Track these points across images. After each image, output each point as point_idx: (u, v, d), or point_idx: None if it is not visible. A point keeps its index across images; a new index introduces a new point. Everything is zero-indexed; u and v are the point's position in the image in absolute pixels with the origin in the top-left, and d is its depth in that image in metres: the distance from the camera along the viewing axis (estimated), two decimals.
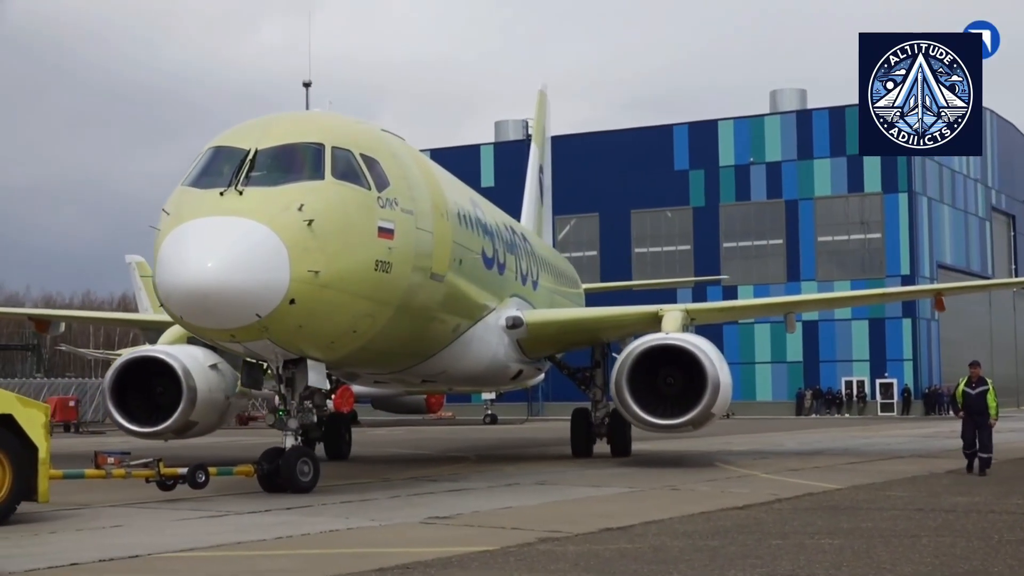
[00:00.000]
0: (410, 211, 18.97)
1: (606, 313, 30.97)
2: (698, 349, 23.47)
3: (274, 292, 16.19)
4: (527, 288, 28.30)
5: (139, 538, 12.60)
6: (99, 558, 10.99)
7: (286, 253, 16.28)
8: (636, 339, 24.49)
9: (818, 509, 15.42)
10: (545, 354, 28.69)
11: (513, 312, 25.93)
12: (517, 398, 65.32)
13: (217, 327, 16.75)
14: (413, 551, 11.34)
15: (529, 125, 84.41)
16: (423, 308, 20.41)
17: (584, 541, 12.12)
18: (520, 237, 29.50)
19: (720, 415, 24.13)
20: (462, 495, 17.97)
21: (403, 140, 21.34)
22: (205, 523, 14.19)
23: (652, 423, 23.43)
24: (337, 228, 17.21)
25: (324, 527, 13.55)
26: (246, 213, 16.51)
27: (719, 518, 14.28)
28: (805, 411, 71.59)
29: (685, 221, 78.34)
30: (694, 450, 30.01)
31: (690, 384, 23.34)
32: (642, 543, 11.95)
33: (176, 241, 16.39)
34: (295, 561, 11.23)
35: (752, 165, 75.58)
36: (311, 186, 17.36)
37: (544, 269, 31.62)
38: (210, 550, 11.74)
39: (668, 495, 17.88)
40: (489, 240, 24.81)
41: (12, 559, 10.92)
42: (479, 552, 11.24)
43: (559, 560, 10.78)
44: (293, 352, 17.70)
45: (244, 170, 17.22)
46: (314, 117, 19.99)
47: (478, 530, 13.27)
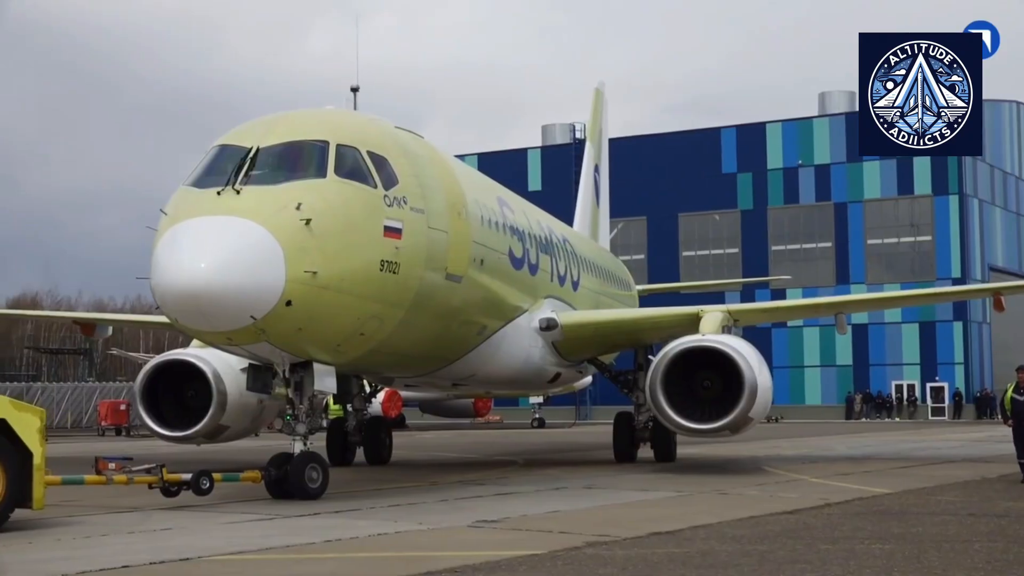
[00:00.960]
0: (421, 210, 18.56)
1: (644, 314, 30.47)
2: (734, 351, 22.75)
3: (269, 293, 15.82)
4: (565, 289, 27.87)
5: (189, 540, 12.69)
6: (150, 560, 11.07)
7: (281, 253, 15.89)
8: (672, 341, 23.85)
9: (868, 514, 15.30)
10: (584, 357, 28.05)
11: (547, 313, 25.46)
12: (565, 402, 65.30)
13: (212, 329, 16.40)
14: (461, 555, 11.34)
15: (576, 129, 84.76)
16: (440, 310, 20.00)
17: (632, 545, 12.09)
18: (559, 237, 28.95)
19: (759, 419, 23.38)
20: (510, 499, 17.96)
21: (420, 137, 20.97)
22: (254, 526, 14.26)
23: (687, 427, 22.88)
24: (338, 228, 16.83)
25: (372, 530, 13.59)
26: (241, 212, 16.14)
27: (768, 523, 14.20)
28: (855, 415, 71.06)
29: (733, 224, 78.00)
30: (742, 454, 29.84)
31: (728, 387, 22.67)
32: (690, 547, 11.90)
33: (170, 242, 16.06)
34: (343, 564, 11.27)
35: (801, 168, 75.14)
36: (312, 184, 17.01)
37: (588, 270, 31.10)
38: (259, 553, 11.80)
39: (716, 499, 17.79)
40: (518, 240, 24.29)
41: (66, 561, 11.03)
42: (527, 556, 11.24)
43: (607, 564, 10.76)
44: (297, 355, 17.37)
45: (244, 169, 16.89)
46: (322, 114, 19.49)
47: (526, 534, 13.26)
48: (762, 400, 22.44)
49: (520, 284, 24.27)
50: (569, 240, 30.33)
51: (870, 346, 73.05)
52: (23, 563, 10.95)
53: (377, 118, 20.24)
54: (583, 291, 29.60)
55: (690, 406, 22.91)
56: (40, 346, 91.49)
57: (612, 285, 34.77)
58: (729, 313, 25.86)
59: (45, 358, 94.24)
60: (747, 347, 23.20)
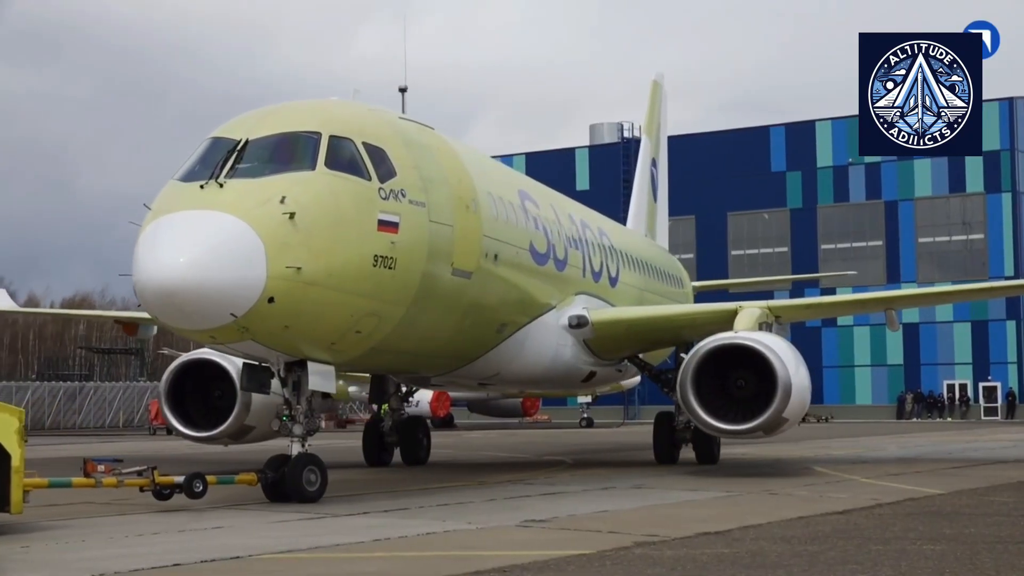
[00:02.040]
0: (421, 203, 18.00)
1: (679, 311, 29.45)
2: (767, 348, 21.69)
3: (249, 290, 15.29)
4: (601, 285, 27.14)
5: (239, 539, 12.76)
6: (201, 559, 11.13)
7: (262, 248, 15.33)
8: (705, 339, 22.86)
9: (920, 514, 15.16)
10: (621, 355, 27.22)
11: (577, 310, 24.76)
12: (613, 401, 65.26)
13: (193, 328, 15.90)
14: (510, 554, 11.34)
15: (624, 128, 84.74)
16: (449, 306, 19.51)
17: (681, 545, 12.04)
18: (595, 232, 28.11)
19: (795, 420, 22.28)
20: (558, 498, 17.93)
21: (429, 129, 20.32)
22: (303, 525, 14.32)
23: (718, 428, 21.98)
24: (326, 221, 16.26)
25: (421, 529, 13.61)
26: (222, 206, 15.62)
27: (818, 523, 14.10)
28: (906, 415, 70.56)
29: (782, 223, 77.68)
30: (791, 455, 29.68)
31: (762, 387, 21.64)
32: (740, 548, 11.84)
33: (149, 238, 15.58)
34: (392, 563, 11.29)
35: (851, 166, 74.71)
36: (299, 177, 16.44)
37: (631, 266, 30.35)
38: (308, 552, 11.84)
39: (766, 499, 17.69)
40: (542, 235, 23.62)
41: (119, 559, 11.11)
42: (576, 556, 11.21)
43: (656, 564, 10.72)
44: (289, 353, 16.86)
45: (230, 161, 16.39)
46: (317, 105, 18.78)
47: (575, 534, 13.24)
48: (797, 400, 21.51)
49: (545, 280, 23.68)
50: (607, 235, 29.53)
51: (921, 345, 72.52)
52: (77, 561, 11.06)
53: (380, 108, 19.68)
54: (623, 287, 28.95)
55: (723, 406, 22.10)
56: (92, 346, 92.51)
57: (661, 282, 34.05)
58: (769, 309, 24.84)
59: (97, 358, 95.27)
60: (782, 344, 22.34)
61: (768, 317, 24.46)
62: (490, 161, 23.93)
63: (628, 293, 29.19)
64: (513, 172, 25.63)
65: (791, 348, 22.36)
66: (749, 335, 22.48)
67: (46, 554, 11.75)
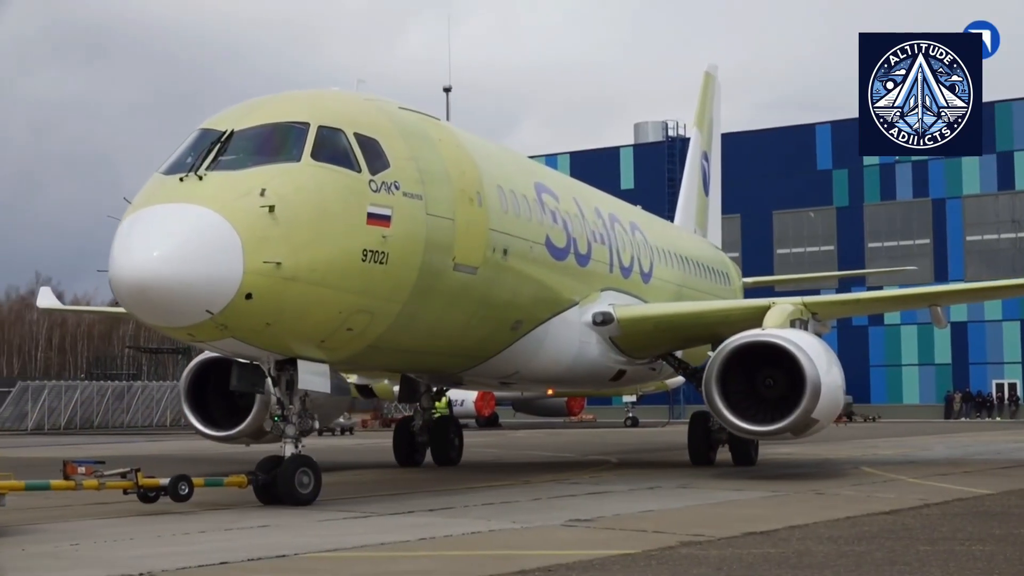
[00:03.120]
0: (417, 195, 17.37)
1: (710, 308, 28.35)
2: (795, 346, 20.80)
3: (225, 286, 14.76)
4: (631, 281, 26.31)
5: (285, 538, 12.82)
6: (247, 557, 11.19)
7: (239, 243, 14.78)
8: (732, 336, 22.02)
9: (968, 515, 15.03)
10: (652, 353, 26.33)
11: (602, 307, 24.03)
12: (659, 400, 65.10)
13: (168, 325, 15.45)
14: (555, 553, 11.33)
15: (669, 126, 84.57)
16: (452, 303, 18.92)
17: (727, 545, 11.99)
18: (625, 226, 27.22)
19: (826, 421, 21.36)
20: (603, 498, 17.92)
21: (434, 120, 19.77)
22: (349, 523, 14.37)
23: (743, 428, 21.16)
24: (309, 215, 15.66)
25: (466, 529, 13.62)
26: (198, 199, 15.09)
27: (865, 523, 14.01)
28: (954, 415, 70.01)
29: (828, 221, 77.30)
30: (838, 455, 29.52)
31: (792, 386, 20.82)
32: (786, 548, 11.78)
33: (124, 232, 15.04)
34: (437, 562, 11.31)
35: (897, 164, 74.14)
36: (282, 169, 15.87)
37: (667, 261, 29.49)
38: (354, 551, 11.88)
39: (812, 499, 17.59)
40: (561, 229, 22.83)
41: (166, 557, 11.19)
42: (621, 555, 11.19)
43: (701, 564, 10.68)
44: (277, 352, 16.38)
45: (212, 153, 15.86)
46: (310, 95, 18.15)
47: (620, 533, 13.22)
48: (828, 400, 20.64)
49: (565, 275, 22.96)
50: (641, 229, 28.59)
51: (969, 344, 71.95)
52: (126, 559, 11.13)
53: (378, 98, 18.92)
54: (658, 283, 28.06)
55: (752, 406, 21.35)
56: (140, 345, 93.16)
57: (704, 278, 33.16)
58: (804, 306, 23.96)
59: (145, 357, 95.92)
60: (813, 342, 21.48)
61: (803, 314, 23.68)
62: (505, 153, 23.40)
63: (663, 289, 28.41)
64: (532, 164, 24.84)
65: (823, 346, 21.63)
66: (776, 332, 21.74)
67: (96, 551, 11.85)
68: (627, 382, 27.94)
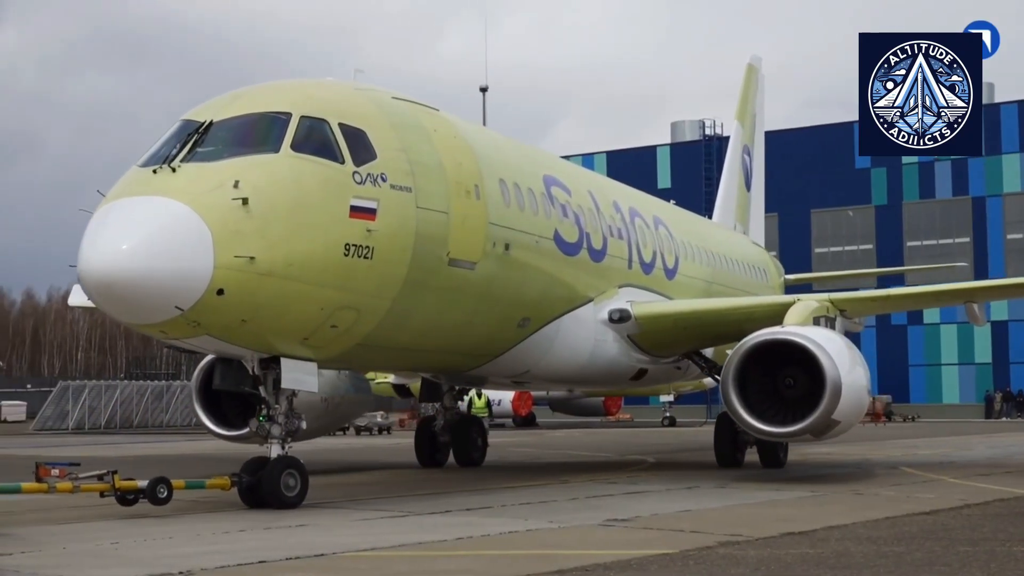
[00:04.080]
0: (407, 188, 16.77)
1: (731, 305, 26.92)
2: (814, 344, 20.05)
3: (194, 281, 14.27)
4: (653, 277, 25.54)
5: (323, 537, 12.87)
6: (286, 556, 11.25)
7: (209, 236, 14.27)
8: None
9: (1010, 515, 14.92)
10: (674, 352, 25.49)
11: (620, 304, 23.31)
12: (696, 400, 64.90)
13: (138, 322, 15.04)
14: (592, 553, 11.34)
15: (706, 125, 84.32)
16: (448, 300, 18.34)
17: (765, 545, 11.96)
18: (648, 221, 26.35)
19: (849, 423, 20.68)
20: (641, 497, 17.89)
21: (432, 110, 19.03)
22: (387, 523, 14.41)
23: (760, 430, 20.44)
24: (285, 208, 15.13)
25: (503, 528, 13.64)
26: (169, 192, 14.58)
27: (904, 524, 13.94)
28: (995, 414, 69.47)
29: (867, 220, 76.86)
30: (877, 455, 29.36)
31: (812, 386, 20.03)
32: (824, 548, 11.74)
33: (92, 226, 14.56)
34: (475, 562, 11.33)
35: (937, 162, 73.62)
36: (258, 160, 15.36)
37: (695, 257, 28.66)
38: (392, 550, 11.92)
39: (851, 499, 17.51)
40: (572, 223, 22.08)
41: (206, 556, 11.27)
42: (658, 555, 11.18)
43: (739, 564, 10.66)
44: (257, 350, 15.92)
45: (188, 145, 15.35)
46: (295, 84, 17.62)
47: (657, 533, 13.20)
48: (850, 401, 19.91)
49: (578, 271, 22.27)
50: (666, 224, 27.71)
51: (1010, 343, 71.40)
52: (166, 557, 11.22)
53: (369, 88, 18.46)
54: (684, 279, 27.28)
55: (772, 407, 20.71)
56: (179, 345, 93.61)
57: (737, 274, 32.26)
58: (831, 303, 23.23)
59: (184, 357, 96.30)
60: (834, 340, 20.74)
61: (830, 311, 22.96)
62: (512, 146, 22.61)
63: (690, 286, 27.60)
64: (542, 157, 23.95)
65: (846, 344, 20.90)
66: (795, 330, 21.02)
67: (136, 550, 11.94)
68: (650, 381, 27.13)
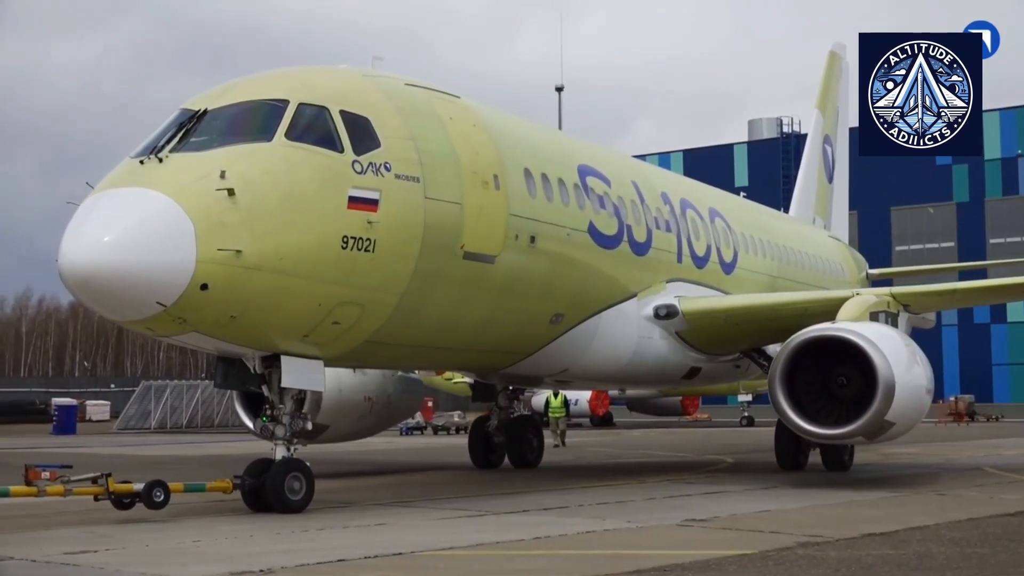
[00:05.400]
0: (414, 178, 16.05)
1: (785, 299, 25.18)
2: (866, 340, 18.94)
3: (176, 276, 13.70)
4: (707, 271, 24.45)
5: (402, 536, 12.93)
6: (364, 555, 11.31)
7: (192, 229, 13.70)
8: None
9: None
10: (729, 349, 24.35)
11: (666, 299, 22.38)
12: None
13: (121, 318, 14.51)
14: (670, 553, 11.29)
15: (784, 123, 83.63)
16: (465, 295, 17.54)
17: (845, 546, 11.84)
18: (703, 212, 25.23)
19: (906, 425, 19.55)
20: (719, 497, 17.78)
21: (452, 97, 18.26)
22: (464, 522, 14.44)
23: (808, 431, 19.52)
24: (276, 198, 14.50)
25: (581, 528, 13.62)
26: (152, 183, 14.04)
27: (988, 525, 13.73)
28: None
29: (948, 217, 75.80)
30: (959, 455, 28.96)
31: (866, 385, 18.95)
32: (906, 549, 11.60)
33: (74, 219, 14.06)
34: (552, 561, 11.33)
35: (1020, 157, 72.48)
36: (249, 149, 14.78)
37: (758, 250, 27.47)
38: (470, 549, 11.95)
39: (933, 500, 17.30)
40: (611, 214, 21.10)
41: (286, 554, 11.37)
42: (737, 556, 11.11)
43: (819, 565, 10.56)
44: (255, 347, 15.36)
45: (180, 134, 14.89)
46: (297, 71, 16.91)
47: (736, 533, 13.12)
48: (906, 401, 18.78)
49: (617, 265, 21.31)
50: (724, 216, 26.40)
51: None
52: (247, 555, 11.33)
53: (381, 74, 17.70)
54: (744, 274, 26.12)
55: (826, 407, 19.81)
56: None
57: (808, 268, 30.75)
58: (893, 297, 21.98)
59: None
60: (889, 337, 19.61)
61: (890, 306, 21.71)
62: (544, 134, 21.65)
63: (751, 280, 26.46)
64: (579, 146, 22.63)
65: (904, 342, 19.81)
66: (846, 325, 19.85)
67: (217, 548, 12.09)
68: (704, 380, 25.97)
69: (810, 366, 19.82)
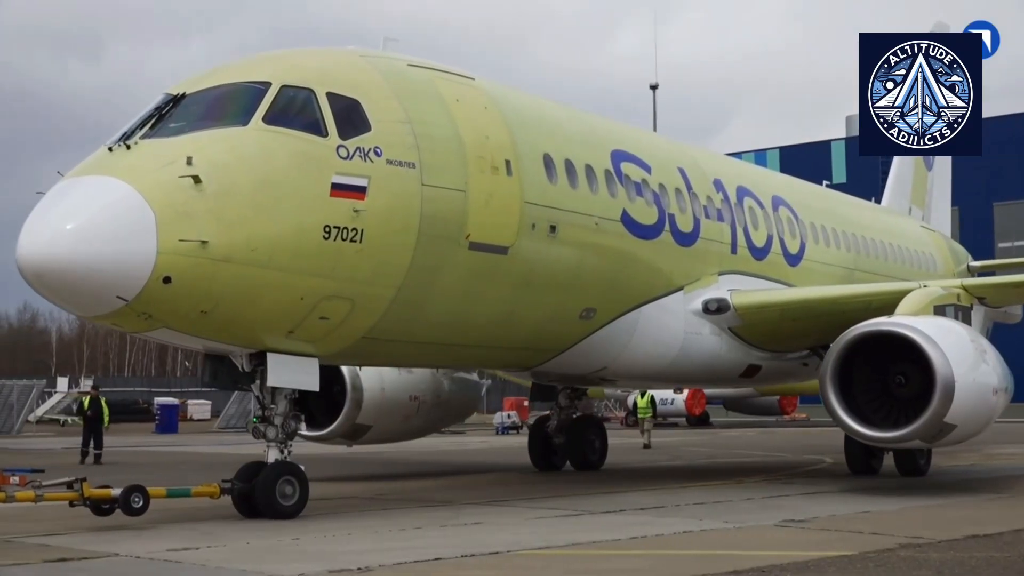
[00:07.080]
0: (409, 163, 15.10)
1: (846, 292, 23.19)
2: (923, 336, 17.51)
3: (135, 269, 12.94)
4: (768, 263, 23.00)
5: (498, 535, 12.95)
6: (460, 554, 11.35)
7: (152, 218, 12.94)
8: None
9: None
10: (790, 346, 22.62)
11: (717, 293, 21.07)
12: None
13: (84, 313, 13.86)
14: (768, 554, 11.18)
15: None
16: (475, 289, 16.47)
17: (948, 548, 11.64)
18: (764, 199, 23.73)
19: (970, 427, 18.03)
20: (818, 498, 17.58)
21: (460, 78, 17.15)
22: (561, 521, 14.43)
23: (861, 433, 18.12)
24: (247, 186, 13.70)
25: (677, 528, 13.55)
26: (114, 171, 13.37)
27: None
28: None
29: None
30: None
31: (925, 385, 17.49)
32: (1012, 552, 11.37)
33: (34, 210, 13.38)
34: (649, 561, 11.27)
35: None
36: (220, 134, 14.04)
37: (830, 241, 25.79)
38: (565, 548, 11.94)
39: None
40: (650, 202, 19.84)
41: (383, 552, 11.44)
42: (837, 557, 10.97)
43: (921, 567, 10.39)
44: (236, 344, 14.57)
45: (154, 119, 14.23)
46: (284, 53, 16.16)
47: (835, 534, 12.96)
48: (968, 402, 17.33)
49: (658, 257, 20.01)
50: (790, 204, 24.74)
51: None
52: (345, 553, 11.42)
53: (382, 54, 16.65)
54: (812, 265, 24.51)
55: (883, 407, 18.45)
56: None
57: (891, 260, 28.72)
58: (964, 289, 20.75)
59: None
60: (951, 332, 18.24)
61: (961, 299, 20.39)
62: (575, 118, 20.21)
63: (822, 272, 24.81)
64: (615, 129, 21.20)
65: (969, 337, 18.43)
66: (901, 320, 18.40)
67: (316, 546, 12.19)
68: (765, 379, 24.34)
69: (867, 364, 18.55)
